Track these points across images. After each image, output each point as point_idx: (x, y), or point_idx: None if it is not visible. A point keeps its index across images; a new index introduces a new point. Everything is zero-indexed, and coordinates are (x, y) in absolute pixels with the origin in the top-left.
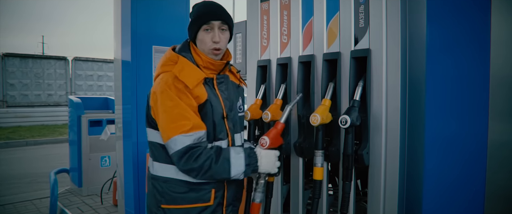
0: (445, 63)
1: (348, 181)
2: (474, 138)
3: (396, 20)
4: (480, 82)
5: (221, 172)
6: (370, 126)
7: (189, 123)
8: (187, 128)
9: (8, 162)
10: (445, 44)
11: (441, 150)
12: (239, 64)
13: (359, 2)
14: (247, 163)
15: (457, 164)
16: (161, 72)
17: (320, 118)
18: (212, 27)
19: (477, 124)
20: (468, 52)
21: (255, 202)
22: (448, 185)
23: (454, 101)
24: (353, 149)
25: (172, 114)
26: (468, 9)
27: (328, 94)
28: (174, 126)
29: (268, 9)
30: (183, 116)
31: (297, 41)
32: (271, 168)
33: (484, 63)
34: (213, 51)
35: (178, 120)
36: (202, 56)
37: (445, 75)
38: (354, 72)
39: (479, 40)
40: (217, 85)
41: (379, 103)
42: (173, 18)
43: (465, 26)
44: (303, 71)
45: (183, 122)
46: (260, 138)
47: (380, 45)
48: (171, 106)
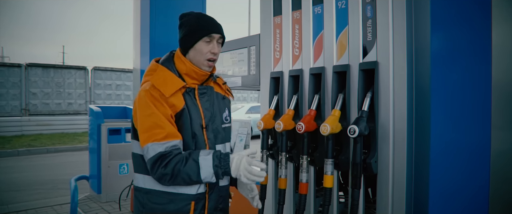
0: (449, 73)
1: (357, 189)
2: (478, 147)
3: (402, 33)
4: (482, 90)
5: (191, 173)
6: (378, 135)
7: (163, 132)
8: (160, 136)
9: (31, 168)
10: (449, 55)
11: (446, 159)
12: (253, 76)
13: (367, 17)
14: (216, 164)
15: (462, 172)
16: (143, 82)
17: (330, 127)
18: (212, 40)
19: (480, 132)
20: (470, 62)
21: (302, 182)
22: (453, 192)
23: (458, 110)
24: (361, 157)
25: (147, 122)
26: (470, 19)
27: (338, 105)
28: (148, 134)
29: (281, 23)
30: (157, 124)
31: (308, 54)
32: (243, 172)
33: (486, 72)
34: (208, 62)
35: (152, 128)
36: (187, 63)
37: (449, 85)
38: (362, 84)
39: (480, 51)
40: (198, 96)
41: (387, 114)
42: None
43: (467, 36)
44: (314, 83)
45: (157, 131)
46: (297, 123)
47: (387, 58)
48: (147, 115)
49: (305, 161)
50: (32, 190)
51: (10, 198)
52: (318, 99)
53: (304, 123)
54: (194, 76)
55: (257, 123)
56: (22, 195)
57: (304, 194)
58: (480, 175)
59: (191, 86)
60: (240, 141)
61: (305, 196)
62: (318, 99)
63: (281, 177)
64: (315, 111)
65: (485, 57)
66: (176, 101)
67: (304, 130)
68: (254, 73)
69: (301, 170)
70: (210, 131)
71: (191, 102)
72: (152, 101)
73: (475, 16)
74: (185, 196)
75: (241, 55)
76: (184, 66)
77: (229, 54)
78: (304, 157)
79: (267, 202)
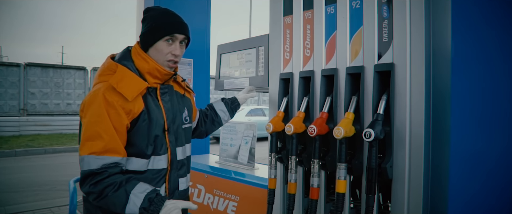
0: (471, 77)
1: (372, 195)
2: (502, 156)
3: (420, 34)
4: (507, 95)
5: (117, 203)
6: (394, 139)
7: (104, 145)
8: (100, 149)
9: (28, 169)
10: (471, 58)
11: (467, 167)
12: (261, 77)
13: (383, 17)
14: (144, 207)
15: (485, 181)
16: (97, 82)
17: (343, 131)
18: (174, 40)
19: (505, 140)
20: (495, 65)
21: (313, 187)
22: (475, 203)
23: (481, 115)
24: (377, 162)
25: (90, 130)
26: (496, 19)
27: (352, 107)
28: (88, 144)
29: (291, 23)
30: (99, 135)
31: (320, 55)
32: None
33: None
34: (169, 63)
35: (93, 138)
36: (150, 61)
37: (471, 90)
38: (377, 86)
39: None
40: (160, 96)
41: (403, 117)
42: (193, 31)
43: (493, 37)
44: (326, 85)
45: (98, 142)
46: (309, 126)
47: (404, 60)
48: (93, 121)
49: (316, 165)
50: (31, 191)
51: (8, 199)
52: (330, 101)
53: (316, 125)
54: (157, 76)
55: (266, 126)
56: (20, 196)
57: (315, 199)
58: (504, 186)
59: (153, 86)
60: (245, 143)
61: (316, 201)
62: (330, 101)
63: (290, 181)
64: (327, 114)
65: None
66: (135, 105)
67: (316, 133)
68: (263, 74)
69: (312, 174)
70: (171, 133)
71: (152, 103)
72: (106, 107)
73: (502, 15)
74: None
75: (249, 56)
76: (147, 65)
77: (236, 55)
78: (316, 161)
79: (275, 207)
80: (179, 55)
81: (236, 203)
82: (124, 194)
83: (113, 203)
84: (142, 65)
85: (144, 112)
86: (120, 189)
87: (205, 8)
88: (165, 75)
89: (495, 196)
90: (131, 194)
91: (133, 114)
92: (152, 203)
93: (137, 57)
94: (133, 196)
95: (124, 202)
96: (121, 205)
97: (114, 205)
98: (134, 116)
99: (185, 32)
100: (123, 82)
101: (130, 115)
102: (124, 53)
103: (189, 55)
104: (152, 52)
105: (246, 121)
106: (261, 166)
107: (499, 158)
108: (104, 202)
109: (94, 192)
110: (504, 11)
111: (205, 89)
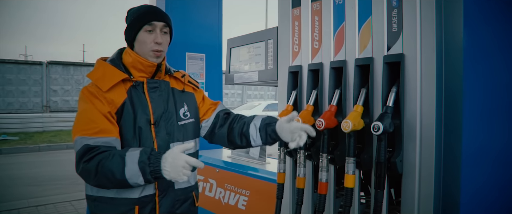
0: (485, 69)
1: (381, 190)
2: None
3: (431, 23)
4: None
5: (115, 170)
6: (404, 133)
7: (96, 127)
8: (92, 131)
9: (51, 164)
10: (484, 49)
11: (481, 162)
12: (270, 70)
13: (392, 6)
14: (142, 160)
15: (500, 178)
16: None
17: (352, 124)
18: (154, 29)
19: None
20: (508, 55)
21: (321, 182)
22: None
23: (495, 109)
24: (386, 156)
25: (81, 118)
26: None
27: (360, 100)
28: (81, 128)
29: (299, 15)
30: (91, 119)
31: (329, 47)
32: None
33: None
34: (154, 53)
35: (85, 123)
36: (132, 54)
37: (485, 82)
38: (387, 78)
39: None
40: (148, 90)
41: (413, 110)
42: (205, 26)
43: (506, 26)
44: (334, 77)
45: (90, 125)
46: (317, 119)
47: (414, 50)
48: (82, 110)
49: (325, 159)
50: (52, 185)
51: (30, 193)
52: (339, 94)
53: (324, 119)
54: (140, 68)
55: None
56: (42, 189)
57: (323, 194)
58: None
59: (139, 80)
60: None
61: (325, 196)
62: (339, 94)
63: (299, 176)
64: (336, 107)
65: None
66: (116, 96)
67: (324, 126)
68: (272, 68)
69: (320, 168)
70: (161, 128)
71: (137, 97)
72: (89, 97)
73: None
74: (127, 200)
75: (258, 49)
76: (130, 58)
77: (246, 49)
78: (324, 155)
79: (284, 201)
80: (163, 44)
81: (246, 197)
82: (119, 158)
83: (111, 171)
84: (127, 60)
85: (127, 103)
86: (115, 156)
87: (216, 2)
88: (149, 67)
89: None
90: (126, 154)
91: (115, 104)
92: (151, 156)
93: (125, 54)
94: (128, 155)
95: (121, 165)
96: (119, 170)
97: (112, 173)
98: (116, 106)
99: (163, 19)
100: (99, 75)
101: (112, 105)
102: (115, 53)
103: (201, 50)
104: (136, 46)
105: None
106: (272, 160)
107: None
108: (103, 175)
109: (90, 169)
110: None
111: (218, 84)
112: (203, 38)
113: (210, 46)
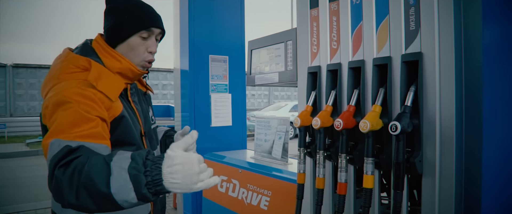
0: (506, 67)
1: (400, 190)
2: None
3: (449, 20)
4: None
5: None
6: (423, 132)
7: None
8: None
9: None
10: (505, 46)
11: (503, 163)
12: (290, 71)
13: (409, 4)
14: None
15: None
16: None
17: (369, 124)
18: (150, 36)
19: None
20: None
21: (340, 182)
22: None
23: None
24: (404, 156)
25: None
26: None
27: (379, 100)
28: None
29: (318, 16)
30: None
31: (347, 47)
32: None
33: None
34: (146, 63)
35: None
36: (122, 60)
37: (506, 80)
38: (405, 77)
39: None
40: (131, 97)
41: (433, 109)
42: (229, 28)
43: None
44: (353, 77)
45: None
46: (335, 120)
47: (433, 48)
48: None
49: (343, 159)
50: None
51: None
52: (357, 94)
53: (342, 119)
54: (128, 76)
55: (294, 120)
56: None
57: (342, 195)
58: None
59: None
60: (279, 138)
61: (344, 197)
62: (357, 94)
63: (318, 176)
64: (354, 107)
65: None
66: (115, 104)
67: (343, 127)
68: (291, 69)
69: (339, 169)
70: (147, 137)
71: (127, 106)
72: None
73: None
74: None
75: (278, 51)
76: (119, 64)
77: (266, 50)
78: (343, 156)
79: (305, 202)
80: (155, 53)
81: (268, 197)
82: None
83: (91, 180)
84: (112, 64)
85: (125, 115)
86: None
87: (238, 4)
88: (138, 75)
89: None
90: (112, 161)
91: (114, 111)
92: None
93: (104, 54)
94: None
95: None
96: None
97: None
98: (115, 114)
99: (162, 26)
100: (103, 81)
101: (110, 112)
102: (85, 47)
103: (224, 52)
104: (122, 49)
105: (280, 116)
106: (295, 161)
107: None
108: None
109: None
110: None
111: (241, 86)
112: (226, 40)
113: (234, 47)
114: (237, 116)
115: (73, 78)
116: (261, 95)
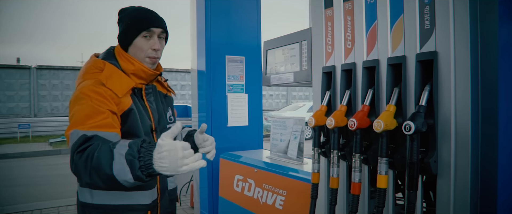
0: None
1: (414, 191)
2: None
3: (465, 19)
4: None
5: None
6: (438, 132)
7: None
8: (93, 125)
9: None
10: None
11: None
12: (305, 71)
13: (424, 3)
14: (129, 152)
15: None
16: (82, 81)
17: (383, 124)
18: (152, 35)
19: None
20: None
21: (354, 182)
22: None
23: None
24: (418, 157)
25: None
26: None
27: (393, 100)
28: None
29: (332, 16)
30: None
31: (361, 47)
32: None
33: None
34: (151, 59)
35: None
36: (135, 62)
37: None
38: (420, 77)
39: None
40: (146, 96)
41: (448, 109)
42: (245, 29)
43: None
44: (367, 77)
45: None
46: (349, 119)
47: (448, 47)
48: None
49: (357, 159)
50: None
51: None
52: (371, 94)
53: (356, 119)
54: (142, 76)
55: (308, 120)
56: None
57: (356, 195)
58: None
59: (138, 87)
60: (295, 138)
61: (358, 197)
62: (371, 94)
63: (333, 176)
64: (369, 107)
65: None
66: (123, 100)
67: (357, 126)
68: (306, 69)
69: (353, 169)
70: (158, 133)
71: (139, 103)
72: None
73: None
74: (141, 206)
75: (293, 51)
76: (132, 66)
77: (281, 50)
78: (357, 155)
79: (319, 201)
80: (159, 50)
81: (283, 197)
82: (108, 150)
83: (100, 164)
84: (127, 67)
85: (133, 109)
86: (104, 147)
87: (255, 5)
88: (151, 75)
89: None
90: (115, 148)
91: (124, 106)
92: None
93: (121, 58)
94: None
95: (110, 158)
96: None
97: (100, 166)
98: (124, 108)
99: (161, 25)
100: (112, 79)
101: (119, 106)
102: (108, 52)
103: (241, 53)
104: (132, 50)
105: (296, 116)
106: (310, 161)
107: None
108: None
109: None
110: None
111: (257, 86)
112: (243, 40)
113: (250, 48)
114: (253, 115)
115: (92, 77)
116: (279, 95)
